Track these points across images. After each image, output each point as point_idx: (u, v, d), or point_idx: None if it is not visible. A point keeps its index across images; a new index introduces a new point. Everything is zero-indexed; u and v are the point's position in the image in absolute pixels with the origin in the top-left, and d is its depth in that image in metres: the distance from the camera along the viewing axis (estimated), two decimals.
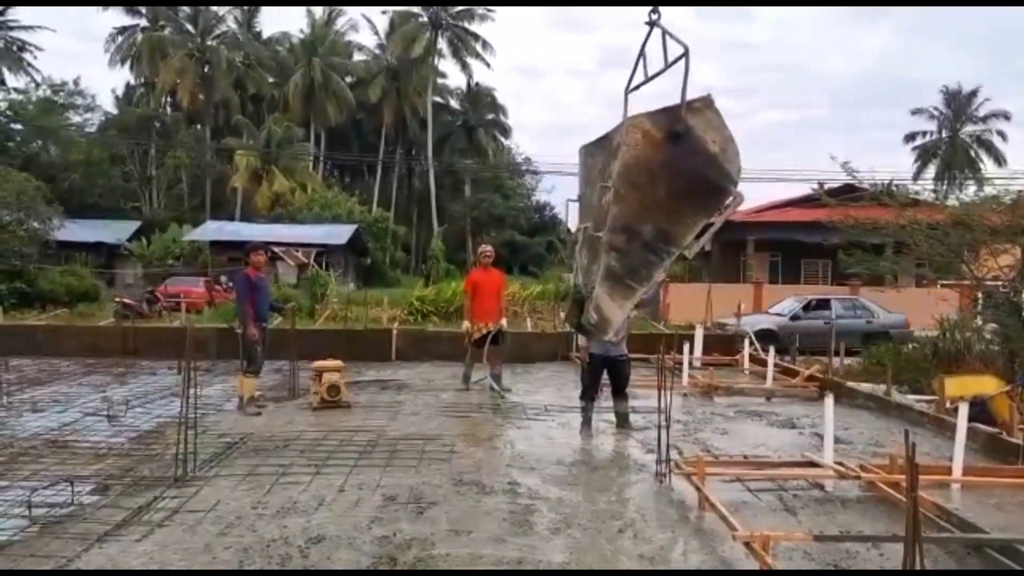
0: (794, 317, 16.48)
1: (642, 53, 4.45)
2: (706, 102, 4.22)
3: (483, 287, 9.45)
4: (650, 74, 4.49)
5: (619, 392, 7.59)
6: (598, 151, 4.71)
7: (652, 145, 4.13)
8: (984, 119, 49.69)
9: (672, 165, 4.15)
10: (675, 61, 4.23)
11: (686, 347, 10.93)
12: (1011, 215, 9.77)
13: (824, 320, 15.53)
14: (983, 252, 10.41)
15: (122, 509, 4.76)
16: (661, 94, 4.43)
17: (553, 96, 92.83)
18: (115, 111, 48.64)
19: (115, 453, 6.25)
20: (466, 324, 9.54)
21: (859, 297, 18.05)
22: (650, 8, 4.32)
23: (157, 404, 8.45)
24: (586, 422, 7.47)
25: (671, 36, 4.26)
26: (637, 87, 4.57)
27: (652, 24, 4.33)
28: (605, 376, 7.65)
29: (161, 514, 4.70)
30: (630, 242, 4.23)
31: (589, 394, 7.55)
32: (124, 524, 4.50)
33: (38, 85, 43.28)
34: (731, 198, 4.30)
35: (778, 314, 16.91)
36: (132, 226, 38.38)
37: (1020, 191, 10.25)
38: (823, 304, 16.99)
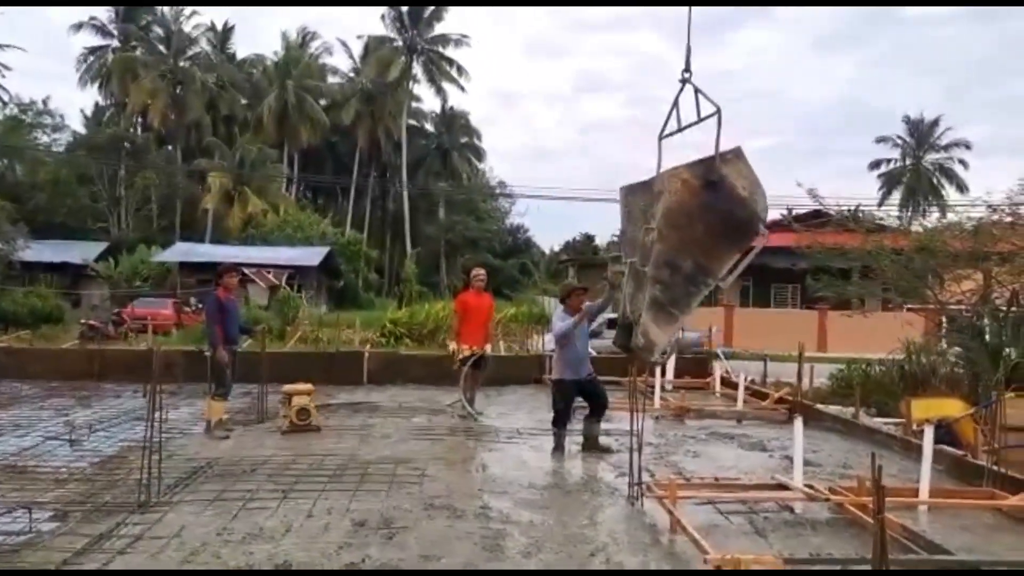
0: (593, 334, 16.33)
1: (675, 106, 5.10)
2: (736, 153, 4.81)
3: (473, 310, 9.43)
4: (682, 125, 5.15)
5: (597, 413, 7.57)
6: (640, 193, 5.33)
7: (690, 192, 4.76)
8: (946, 148, 51.10)
9: (708, 208, 4.77)
10: (707, 117, 4.87)
11: (658, 370, 10.98)
12: (972, 241, 10.02)
13: None
14: (947, 277, 10.65)
15: (82, 536, 4.62)
16: (691, 135, 5.13)
17: (528, 120, 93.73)
18: (84, 131, 48.01)
19: (76, 478, 6.09)
20: (452, 345, 9.48)
21: None
22: (683, 67, 5.01)
23: (122, 428, 8.26)
24: (558, 446, 7.46)
25: (703, 95, 4.89)
26: (670, 135, 5.22)
27: (684, 82, 4.98)
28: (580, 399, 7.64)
29: (123, 541, 4.57)
30: (673, 275, 4.80)
31: (562, 419, 7.54)
32: (84, 552, 4.36)
33: (5, 104, 42.63)
34: (759, 235, 4.95)
35: None
36: (99, 247, 37.71)
37: (981, 218, 10.51)
38: None
